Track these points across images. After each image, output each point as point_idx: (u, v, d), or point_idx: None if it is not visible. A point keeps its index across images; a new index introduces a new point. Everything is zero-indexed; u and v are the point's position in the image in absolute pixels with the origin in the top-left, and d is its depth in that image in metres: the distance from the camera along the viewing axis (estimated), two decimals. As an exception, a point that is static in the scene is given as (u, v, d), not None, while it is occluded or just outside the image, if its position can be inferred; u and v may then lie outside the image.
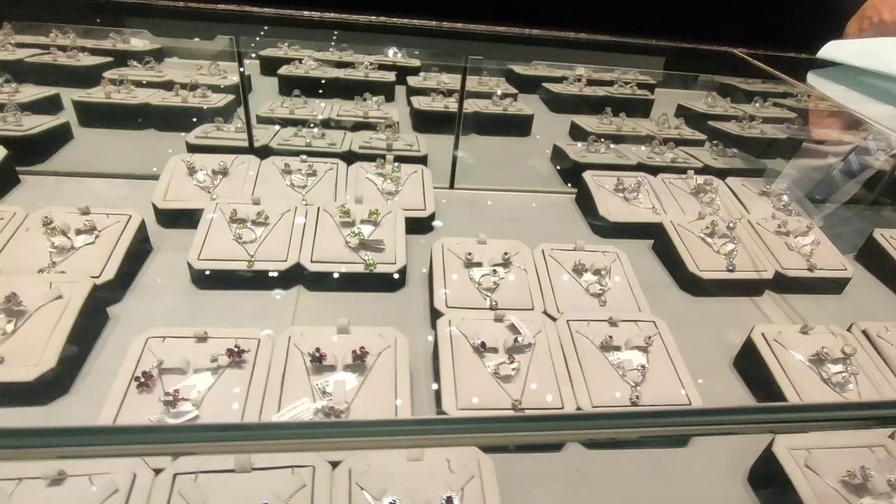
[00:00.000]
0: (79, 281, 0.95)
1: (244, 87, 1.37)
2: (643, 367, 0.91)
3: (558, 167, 1.74)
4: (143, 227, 1.15)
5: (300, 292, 1.13)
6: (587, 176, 1.51)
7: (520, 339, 0.92)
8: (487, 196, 1.55)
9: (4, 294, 0.87)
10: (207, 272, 1.08)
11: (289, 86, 2.01)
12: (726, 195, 1.54)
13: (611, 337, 0.95)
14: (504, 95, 1.97)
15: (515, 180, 1.65)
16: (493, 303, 1.06)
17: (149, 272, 1.13)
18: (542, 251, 1.20)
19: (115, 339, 0.97)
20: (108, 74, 1.83)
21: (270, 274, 1.10)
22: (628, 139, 1.86)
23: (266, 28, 1.70)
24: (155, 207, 1.25)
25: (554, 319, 1.03)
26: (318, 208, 1.23)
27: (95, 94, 1.66)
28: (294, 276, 1.12)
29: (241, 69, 1.36)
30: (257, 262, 1.10)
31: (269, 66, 2.12)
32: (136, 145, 1.62)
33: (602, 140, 1.71)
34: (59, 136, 1.54)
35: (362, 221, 1.19)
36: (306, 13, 1.47)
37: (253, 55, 2.18)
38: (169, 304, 1.06)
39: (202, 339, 0.86)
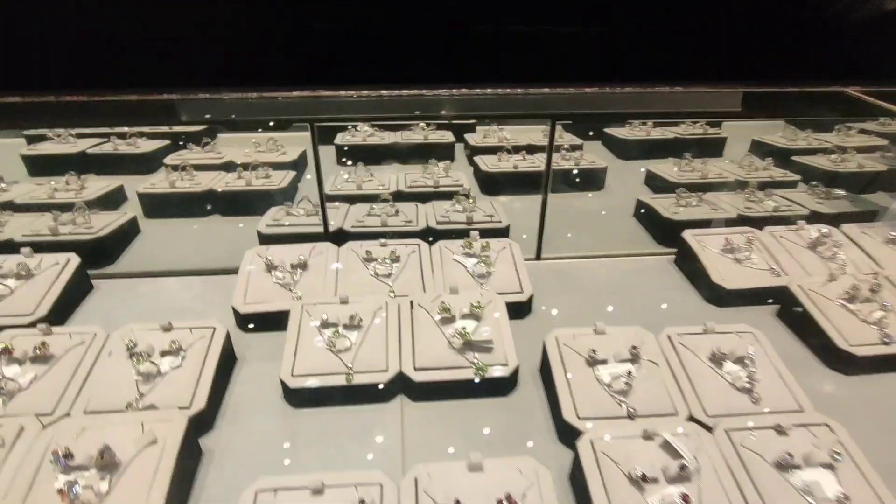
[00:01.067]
0: (172, 419, 0.85)
1: (319, 169, 1.28)
2: (844, 497, 0.76)
3: (646, 225, 1.60)
4: (228, 340, 1.06)
5: (403, 404, 1.01)
6: (689, 237, 1.38)
7: (686, 464, 0.78)
8: (577, 266, 1.43)
9: (97, 447, 0.77)
10: (301, 389, 0.98)
11: (346, 156, 1.95)
12: (849, 247, 1.38)
13: (790, 455, 0.80)
14: (572, 147, 1.87)
15: (603, 244, 1.52)
16: (631, 410, 0.92)
17: (237, 390, 1.03)
18: (670, 338, 1.06)
19: (216, 483, 0.86)
20: (169, 160, 1.80)
21: (371, 387, 0.99)
22: (715, 186, 1.72)
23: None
24: (236, 313, 1.16)
25: (708, 429, 0.88)
26: (412, 302, 1.13)
27: (160, 185, 1.62)
28: (395, 386, 1.01)
29: (316, 151, 1.28)
30: (356, 375, 0.99)
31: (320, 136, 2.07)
32: (205, 236, 1.56)
33: (685, 191, 1.57)
34: (128, 233, 1.49)
35: (463, 316, 1.08)
36: (343, 93, 1.38)
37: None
38: (264, 427, 0.95)
39: (318, 491, 0.75)
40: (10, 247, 1.32)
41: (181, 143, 1.89)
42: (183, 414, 0.88)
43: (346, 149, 1.97)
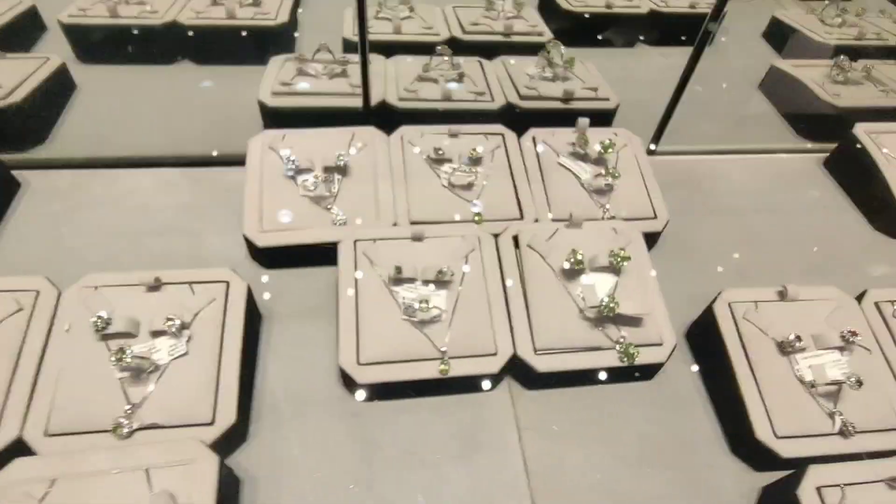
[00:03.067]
0: (196, 483, 0.54)
1: (363, 17, 0.80)
2: None
3: (781, 104, 1.20)
4: (251, 300, 0.71)
5: (514, 392, 0.72)
6: (863, 135, 1.00)
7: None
8: (702, 165, 1.06)
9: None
10: (377, 385, 0.66)
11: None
12: None
13: None
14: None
15: (726, 131, 1.13)
16: (846, 426, 0.65)
17: (271, 372, 0.70)
18: (879, 308, 0.76)
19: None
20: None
21: (471, 376, 0.68)
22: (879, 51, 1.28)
23: None
24: (250, 244, 0.78)
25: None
26: (515, 239, 0.77)
27: (94, 9, 1.07)
28: (503, 371, 0.70)
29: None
30: (451, 359, 0.67)
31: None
32: (176, 96, 1.08)
33: (847, 60, 1.14)
34: (58, 91, 1.00)
35: (595, 269, 0.74)
36: None
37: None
38: (318, 435, 0.66)
39: None
40: None
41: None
42: (212, 458, 0.56)
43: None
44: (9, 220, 0.83)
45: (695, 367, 0.76)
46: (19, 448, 0.57)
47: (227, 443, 0.61)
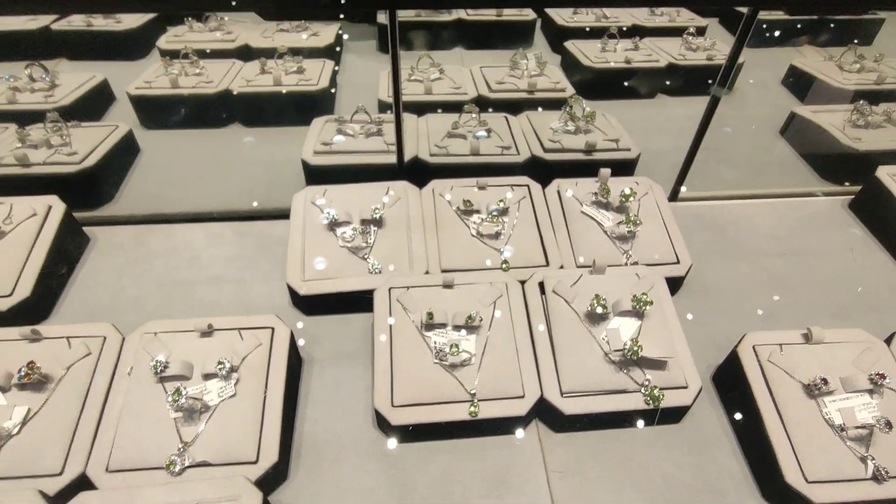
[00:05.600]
0: (239, 493, 0.58)
1: (397, 72, 0.87)
2: None
3: (803, 149, 1.22)
4: (294, 346, 0.76)
5: (542, 435, 0.74)
6: (885, 177, 1.02)
7: None
8: (726, 210, 1.08)
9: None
10: (410, 427, 0.70)
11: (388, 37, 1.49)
12: None
13: None
14: (698, 31, 1.41)
15: (750, 177, 1.16)
16: (879, 471, 0.65)
17: (310, 414, 0.75)
18: (909, 351, 0.76)
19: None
20: (164, 44, 1.35)
21: (500, 418, 0.71)
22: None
23: None
24: (293, 292, 0.84)
25: None
26: (541, 285, 0.81)
27: (158, 82, 1.20)
28: (530, 413, 0.73)
29: (394, 44, 0.86)
30: (480, 401, 0.70)
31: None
32: (227, 157, 1.18)
33: (867, 105, 1.16)
34: (124, 155, 1.12)
35: (618, 314, 0.77)
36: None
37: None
38: (356, 475, 0.69)
39: None
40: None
41: (180, 15, 1.42)
42: (251, 474, 0.61)
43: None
44: (79, 272, 0.92)
45: (722, 411, 0.77)
46: (83, 483, 0.62)
47: (270, 481, 0.65)
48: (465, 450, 0.71)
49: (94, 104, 1.23)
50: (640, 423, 0.74)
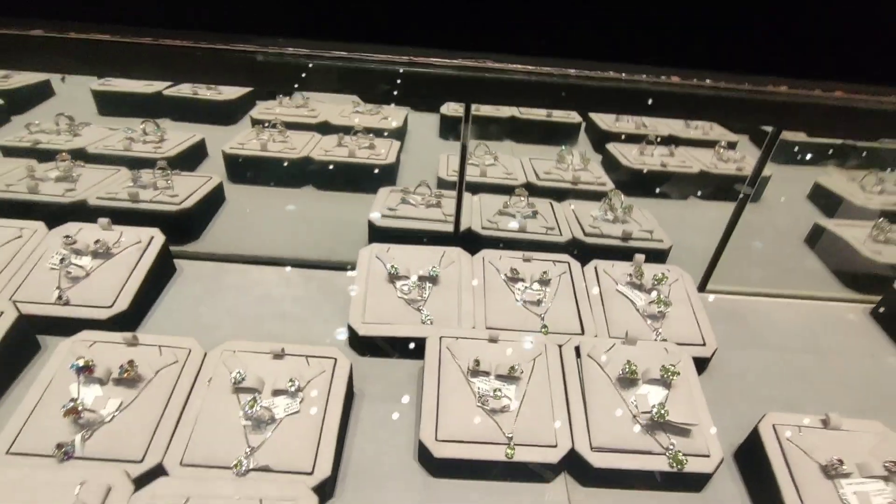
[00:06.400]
0: (297, 499, 0.65)
1: (465, 156, 1.02)
2: None
3: (826, 257, 1.31)
4: (350, 376, 0.84)
5: (569, 486, 0.79)
6: (905, 289, 1.09)
7: None
8: (750, 306, 1.16)
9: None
10: (451, 460, 0.76)
11: (452, 130, 1.68)
12: None
13: None
14: (729, 145, 1.56)
15: (774, 278, 1.24)
16: (900, 559, 0.68)
17: (359, 442, 0.82)
18: (927, 448, 0.80)
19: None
20: (256, 114, 1.56)
21: (532, 463, 0.77)
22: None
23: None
24: (353, 332, 0.94)
25: None
26: (577, 350, 0.89)
27: (249, 145, 1.39)
28: (559, 465, 0.78)
29: (465, 135, 1.02)
30: (516, 445, 0.76)
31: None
32: (301, 213, 1.33)
33: (887, 223, 1.26)
34: (214, 202, 1.27)
35: (647, 381, 0.84)
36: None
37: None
38: (396, 498, 0.75)
39: None
40: (83, 210, 1.12)
41: (270, 92, 1.64)
42: (306, 484, 0.68)
43: (452, 121, 1.69)
44: (164, 296, 1.04)
45: (743, 487, 0.81)
46: (159, 472, 0.70)
47: (321, 494, 0.72)
48: (498, 491, 0.77)
49: (192, 158, 1.42)
50: (664, 487, 0.78)
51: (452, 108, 1.71)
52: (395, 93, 0.88)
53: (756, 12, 0.84)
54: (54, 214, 1.08)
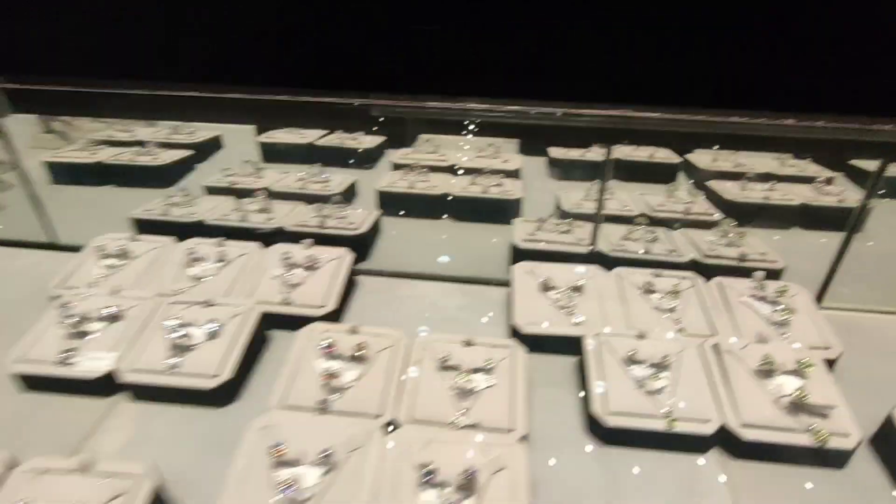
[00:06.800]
0: (509, 444, 0.83)
1: (603, 188, 1.23)
2: None
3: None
4: (525, 362, 1.03)
5: (723, 460, 0.92)
6: None
7: None
8: (862, 321, 1.26)
9: (454, 465, 0.76)
10: (617, 429, 0.92)
11: (561, 168, 1.90)
12: None
13: None
14: (827, 180, 1.68)
15: (889, 297, 1.34)
16: None
17: (538, 417, 0.99)
18: None
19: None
20: (397, 159, 1.83)
21: (689, 437, 0.91)
22: None
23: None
24: (515, 331, 1.12)
25: None
26: (716, 347, 1.04)
27: (399, 184, 1.65)
28: (711, 439, 0.92)
29: (608, 170, 1.22)
30: (661, 420, 0.91)
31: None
32: (446, 240, 1.56)
33: None
34: (376, 230, 1.52)
35: (785, 372, 0.97)
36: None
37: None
38: (576, 463, 0.91)
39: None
40: (283, 234, 1.39)
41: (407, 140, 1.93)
42: (513, 437, 0.86)
43: (560, 162, 1.91)
44: (350, 306, 1.26)
45: (881, 467, 0.91)
46: (395, 424, 0.90)
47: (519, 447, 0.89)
48: (659, 460, 0.91)
49: (349, 195, 1.69)
50: (807, 461, 0.90)
51: (561, 152, 1.93)
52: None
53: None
54: (262, 237, 1.35)
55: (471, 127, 1.79)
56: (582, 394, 1.02)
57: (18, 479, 0.77)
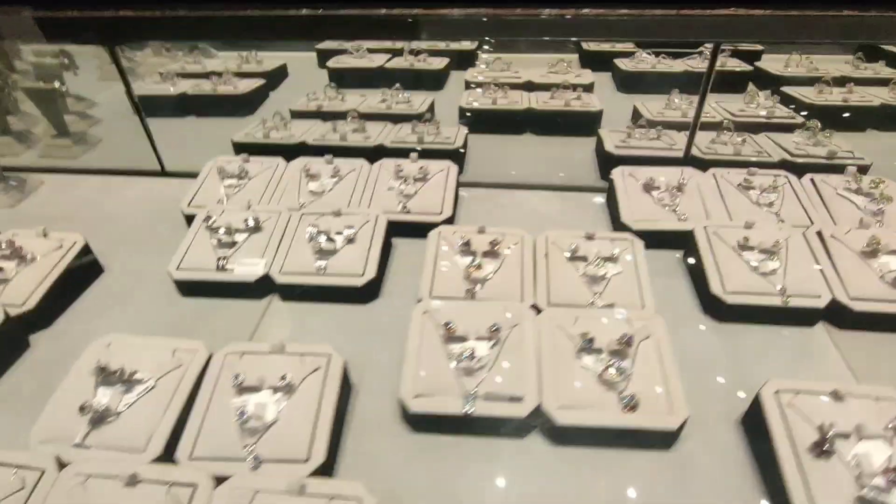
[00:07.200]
0: (653, 319, 0.93)
1: (704, 95, 1.27)
2: None
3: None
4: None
5: (830, 330, 1.02)
6: None
7: None
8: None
9: (611, 336, 0.86)
10: (735, 305, 1.01)
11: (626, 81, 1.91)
12: None
13: None
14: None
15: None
16: None
17: (656, 301, 1.09)
18: None
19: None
20: (470, 77, 1.86)
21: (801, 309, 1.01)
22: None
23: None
24: (625, 228, 1.20)
25: None
26: (819, 232, 1.11)
27: (482, 100, 1.69)
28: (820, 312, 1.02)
29: (710, 73, 1.25)
30: (776, 297, 1.00)
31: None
32: (532, 153, 1.62)
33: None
34: (466, 145, 1.58)
35: (890, 252, 1.05)
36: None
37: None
38: (694, 336, 1.01)
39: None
40: (384, 151, 1.46)
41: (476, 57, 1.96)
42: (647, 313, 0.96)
43: (631, 74, 1.93)
44: (459, 213, 1.35)
45: None
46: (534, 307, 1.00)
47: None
48: (771, 332, 1.01)
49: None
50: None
51: (631, 65, 1.95)
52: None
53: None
54: (364, 154, 1.41)
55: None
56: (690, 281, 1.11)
57: (229, 359, 0.89)
